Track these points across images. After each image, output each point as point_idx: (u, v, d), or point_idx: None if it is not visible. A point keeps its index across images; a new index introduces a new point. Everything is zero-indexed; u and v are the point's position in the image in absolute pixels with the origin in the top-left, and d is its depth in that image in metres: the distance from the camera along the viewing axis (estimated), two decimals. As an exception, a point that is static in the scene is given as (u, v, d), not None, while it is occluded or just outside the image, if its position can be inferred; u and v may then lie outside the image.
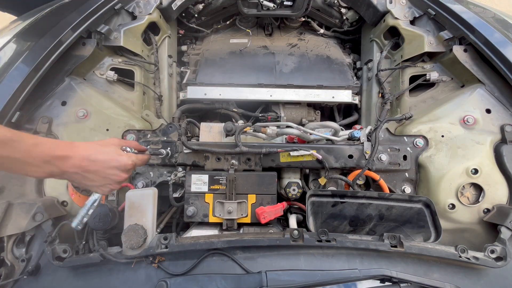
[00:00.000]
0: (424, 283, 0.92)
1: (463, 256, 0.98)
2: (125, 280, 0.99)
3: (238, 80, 1.68)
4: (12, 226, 1.05)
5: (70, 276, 1.02)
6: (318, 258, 1.01)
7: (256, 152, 1.23)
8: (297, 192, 1.26)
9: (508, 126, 1.24)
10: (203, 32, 2.03)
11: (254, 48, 1.91)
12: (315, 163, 1.27)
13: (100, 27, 1.41)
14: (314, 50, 1.89)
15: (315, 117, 1.82)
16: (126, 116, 1.33)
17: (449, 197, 1.20)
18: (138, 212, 1.03)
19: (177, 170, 1.29)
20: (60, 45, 1.25)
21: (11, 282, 1.00)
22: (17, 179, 1.13)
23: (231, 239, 1.00)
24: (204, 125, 1.43)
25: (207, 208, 1.19)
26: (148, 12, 1.57)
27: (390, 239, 0.99)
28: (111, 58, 1.49)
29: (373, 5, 1.66)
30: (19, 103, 1.14)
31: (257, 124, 1.28)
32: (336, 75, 1.73)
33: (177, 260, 1.01)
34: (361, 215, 1.15)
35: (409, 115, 1.37)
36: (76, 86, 1.32)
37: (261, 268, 0.97)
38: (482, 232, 1.19)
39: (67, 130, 1.25)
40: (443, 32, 1.44)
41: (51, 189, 1.17)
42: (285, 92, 1.68)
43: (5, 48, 1.24)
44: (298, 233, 1.00)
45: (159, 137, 1.34)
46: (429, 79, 1.48)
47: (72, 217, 1.15)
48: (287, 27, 2.10)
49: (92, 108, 1.29)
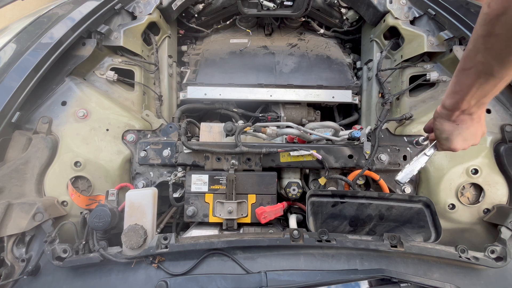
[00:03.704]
0: (424, 283, 0.92)
1: (463, 256, 0.98)
2: (125, 280, 0.99)
3: (238, 80, 1.68)
4: (12, 226, 1.05)
5: (70, 276, 1.02)
6: (318, 258, 1.01)
7: (256, 152, 1.23)
8: (297, 192, 1.26)
9: (508, 126, 1.24)
10: (203, 32, 2.03)
11: (254, 48, 1.91)
12: (315, 163, 1.27)
13: (100, 27, 1.41)
14: (314, 50, 1.89)
15: (315, 117, 1.82)
16: (126, 116, 1.33)
17: (449, 197, 1.20)
18: (138, 212, 1.03)
19: (177, 170, 1.29)
20: (60, 45, 1.25)
21: (11, 282, 1.00)
22: (17, 179, 1.13)
23: (231, 239, 1.00)
24: (204, 125, 1.43)
25: (207, 208, 1.19)
26: (148, 12, 1.57)
27: (390, 239, 0.99)
28: (111, 58, 1.49)
29: (373, 5, 1.66)
30: (19, 103, 1.14)
31: (257, 124, 1.28)
32: (336, 75, 1.74)
33: (177, 260, 1.01)
34: (361, 215, 1.15)
35: (409, 115, 1.37)
36: (76, 86, 1.32)
37: (261, 268, 0.97)
38: (482, 232, 1.19)
39: (67, 130, 1.25)
40: (443, 32, 1.44)
41: (51, 189, 1.17)
42: (285, 92, 1.68)
43: (5, 48, 1.24)
44: (298, 233, 1.00)
45: (159, 137, 1.34)
46: (429, 79, 1.48)
47: (72, 217, 1.16)
48: (287, 27, 2.10)
49: (92, 108, 1.29)
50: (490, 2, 0.58)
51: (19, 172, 1.14)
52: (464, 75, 0.72)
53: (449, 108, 0.81)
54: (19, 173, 1.14)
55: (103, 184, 1.22)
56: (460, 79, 0.73)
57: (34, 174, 1.16)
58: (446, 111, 0.82)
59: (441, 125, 0.87)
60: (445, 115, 0.84)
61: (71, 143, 1.23)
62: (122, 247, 0.99)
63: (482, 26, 0.61)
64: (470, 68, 0.69)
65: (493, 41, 0.61)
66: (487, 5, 0.59)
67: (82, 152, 1.22)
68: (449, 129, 0.86)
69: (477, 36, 0.64)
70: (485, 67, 0.66)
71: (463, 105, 0.77)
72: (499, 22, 0.57)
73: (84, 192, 1.21)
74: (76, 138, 1.24)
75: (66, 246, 1.01)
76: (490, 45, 0.62)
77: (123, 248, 0.99)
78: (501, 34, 0.58)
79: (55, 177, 1.18)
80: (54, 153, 1.21)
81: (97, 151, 1.24)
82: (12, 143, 1.18)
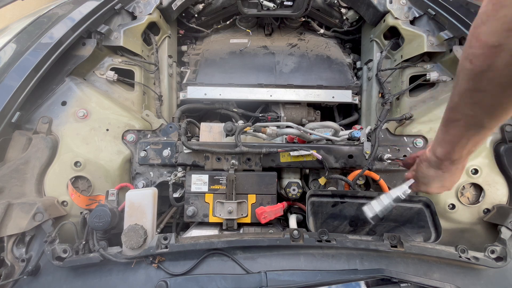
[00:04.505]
0: (424, 283, 0.92)
1: (463, 256, 0.98)
2: (125, 280, 0.99)
3: (238, 80, 1.68)
4: (12, 226, 1.05)
5: (70, 276, 1.02)
6: (318, 258, 1.01)
7: (256, 152, 1.23)
8: (297, 192, 1.26)
9: (508, 126, 1.24)
10: (203, 32, 2.03)
11: (254, 48, 1.91)
12: (315, 163, 1.27)
13: (100, 27, 1.41)
14: (314, 50, 1.89)
15: (315, 117, 1.82)
16: (126, 116, 1.33)
17: (449, 197, 1.20)
18: (138, 212, 1.03)
19: (177, 170, 1.29)
20: (60, 45, 1.25)
21: (11, 282, 1.00)
22: (17, 179, 1.13)
23: (231, 239, 1.00)
24: (204, 125, 1.43)
25: (207, 208, 1.19)
26: (148, 12, 1.57)
27: (390, 239, 0.99)
28: (111, 58, 1.49)
29: (373, 5, 1.66)
30: (19, 103, 1.14)
31: (257, 124, 1.28)
32: (336, 75, 1.73)
33: (177, 260, 1.01)
34: (361, 215, 1.15)
35: (409, 115, 1.37)
36: (76, 86, 1.32)
37: (261, 268, 0.97)
38: (482, 232, 1.19)
39: (67, 130, 1.25)
40: (443, 32, 1.44)
41: (51, 189, 1.17)
42: (285, 92, 1.68)
43: (5, 48, 1.24)
44: (298, 233, 1.00)
45: (159, 137, 1.34)
46: (429, 79, 1.48)
47: (72, 217, 1.16)
48: (287, 27, 2.10)
49: (92, 108, 1.29)
50: (471, 59, 0.55)
51: (19, 172, 1.14)
52: (453, 127, 0.70)
53: (440, 157, 0.79)
54: (19, 173, 1.14)
55: (103, 184, 1.22)
56: (449, 129, 0.71)
57: (34, 174, 1.16)
58: (436, 159, 0.81)
59: (427, 170, 0.86)
60: (434, 163, 0.82)
61: (71, 143, 1.23)
62: (122, 247, 0.99)
63: (467, 82, 0.58)
64: (459, 120, 0.67)
65: (481, 96, 0.58)
66: (468, 61, 0.55)
67: (82, 152, 1.22)
68: (433, 175, 0.85)
69: (463, 90, 0.61)
70: (475, 120, 0.64)
71: (454, 156, 0.76)
72: (484, 78, 0.54)
73: (84, 192, 1.21)
74: (76, 138, 1.24)
75: (66, 246, 1.01)
76: (478, 100, 0.59)
77: (123, 248, 0.99)
78: (489, 90, 0.56)
79: (55, 177, 1.18)
80: (54, 153, 1.21)
81: (97, 151, 1.24)
82: (12, 143, 1.18)
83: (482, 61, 0.53)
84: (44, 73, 1.20)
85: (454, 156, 0.76)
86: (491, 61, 0.51)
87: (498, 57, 0.50)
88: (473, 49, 0.54)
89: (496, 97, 0.56)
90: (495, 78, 0.53)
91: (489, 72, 0.53)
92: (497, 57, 0.50)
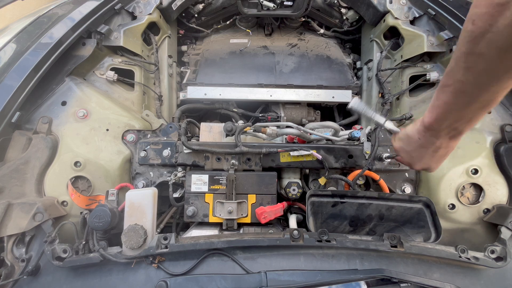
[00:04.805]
0: (424, 283, 0.92)
1: (463, 256, 0.98)
2: (125, 280, 0.99)
3: (238, 80, 1.68)
4: (12, 226, 1.05)
5: (70, 276, 1.02)
6: (318, 258, 1.01)
7: (256, 152, 1.23)
8: (297, 192, 1.26)
9: (508, 126, 1.24)
10: (203, 32, 2.03)
11: (254, 48, 1.91)
12: (315, 163, 1.27)
13: (100, 27, 1.41)
14: (314, 50, 1.89)
15: (315, 117, 1.82)
16: (126, 116, 1.33)
17: (449, 197, 1.20)
18: (138, 212, 1.03)
19: (177, 170, 1.29)
20: (60, 45, 1.25)
21: (11, 282, 1.00)
22: (17, 179, 1.13)
23: (231, 239, 1.00)
24: (204, 125, 1.43)
25: (207, 208, 1.19)
26: (148, 12, 1.57)
27: (390, 239, 0.99)
28: (111, 58, 1.49)
29: (373, 5, 1.66)
30: (19, 103, 1.14)
31: (257, 124, 1.28)
32: (336, 75, 1.73)
33: (177, 260, 1.01)
34: (361, 215, 1.15)
35: (409, 115, 1.37)
36: (76, 86, 1.32)
37: (261, 268, 0.97)
38: (482, 232, 1.19)
39: (67, 130, 1.25)
40: (443, 32, 1.44)
41: (51, 189, 1.17)
42: (285, 92, 1.68)
43: (5, 48, 1.24)
44: (298, 233, 1.00)
45: (159, 137, 1.34)
46: (429, 79, 1.48)
47: (72, 217, 1.16)
48: (287, 27, 2.10)
49: (92, 108, 1.29)
50: (474, 19, 0.55)
51: (19, 172, 1.14)
52: (443, 92, 0.71)
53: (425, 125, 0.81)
54: (19, 173, 1.14)
55: (103, 184, 1.22)
56: (440, 94, 0.73)
57: (34, 174, 1.16)
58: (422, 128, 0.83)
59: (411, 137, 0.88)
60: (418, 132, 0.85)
61: (71, 143, 1.23)
62: (122, 247, 0.99)
63: (465, 45, 0.59)
64: (449, 86, 0.68)
65: (475, 59, 0.59)
66: (471, 22, 0.56)
67: (82, 152, 1.22)
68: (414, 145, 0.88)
69: (460, 53, 0.62)
70: (465, 87, 0.65)
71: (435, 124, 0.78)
72: (483, 40, 0.55)
73: (84, 192, 1.21)
74: (76, 138, 1.24)
75: (66, 246, 1.01)
76: (471, 64, 0.60)
77: (123, 248, 0.99)
78: (484, 53, 0.56)
79: (55, 177, 1.18)
80: (54, 153, 1.21)
81: (97, 151, 1.24)
82: (12, 143, 1.18)
83: (485, 21, 0.53)
84: (44, 73, 1.20)
85: (435, 125, 0.78)
86: (493, 20, 0.52)
87: (501, 16, 0.51)
88: (478, 8, 0.54)
89: (490, 63, 0.57)
90: (493, 40, 0.54)
91: (489, 33, 0.54)
92: (500, 16, 0.51)
